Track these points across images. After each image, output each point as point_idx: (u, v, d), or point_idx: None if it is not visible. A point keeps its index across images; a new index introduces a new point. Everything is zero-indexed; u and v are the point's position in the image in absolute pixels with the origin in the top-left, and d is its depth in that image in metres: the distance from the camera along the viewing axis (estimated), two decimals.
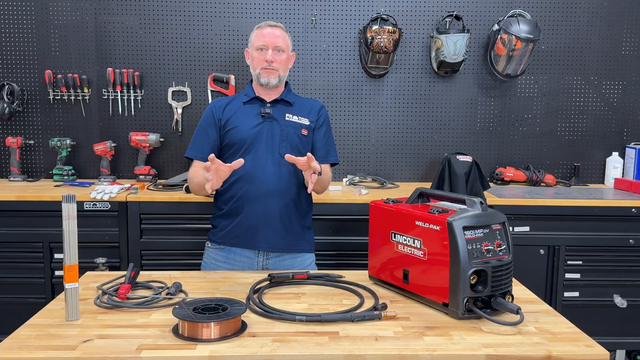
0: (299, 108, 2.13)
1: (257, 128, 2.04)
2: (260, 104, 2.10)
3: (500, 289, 1.43)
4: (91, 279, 1.73)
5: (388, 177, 3.29)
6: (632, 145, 3.27)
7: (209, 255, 2.12)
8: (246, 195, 2.00)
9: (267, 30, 2.08)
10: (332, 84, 3.25)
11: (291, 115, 2.09)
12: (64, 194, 1.37)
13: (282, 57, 2.08)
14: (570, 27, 3.26)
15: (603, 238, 2.81)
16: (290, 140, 2.05)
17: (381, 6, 3.19)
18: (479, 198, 1.50)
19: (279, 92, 2.13)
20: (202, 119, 2.14)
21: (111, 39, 3.15)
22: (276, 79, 2.07)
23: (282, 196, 2.02)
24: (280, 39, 2.08)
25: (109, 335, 1.31)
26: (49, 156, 3.21)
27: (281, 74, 2.08)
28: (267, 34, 2.07)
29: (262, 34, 2.08)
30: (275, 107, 2.09)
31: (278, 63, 2.07)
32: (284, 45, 2.08)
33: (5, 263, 2.71)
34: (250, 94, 2.12)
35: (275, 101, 2.10)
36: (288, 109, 2.10)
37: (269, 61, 2.04)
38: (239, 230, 2.02)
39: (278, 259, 2.05)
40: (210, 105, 2.16)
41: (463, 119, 3.30)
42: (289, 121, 2.08)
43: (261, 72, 2.06)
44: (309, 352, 1.23)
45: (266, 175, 2.00)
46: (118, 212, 2.70)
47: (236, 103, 2.13)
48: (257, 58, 2.09)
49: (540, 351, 1.25)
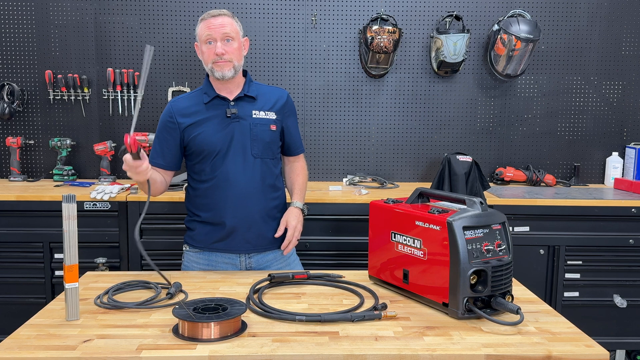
0: (264, 101, 2.01)
1: (225, 131, 1.94)
2: (223, 102, 1.96)
3: (500, 289, 1.43)
4: (91, 279, 1.73)
5: (388, 177, 3.29)
6: (632, 145, 3.27)
7: (188, 259, 2.05)
8: (223, 200, 1.94)
9: (212, 21, 1.91)
10: (332, 84, 3.25)
11: (257, 111, 1.98)
12: (64, 194, 1.37)
13: (234, 46, 1.92)
14: (570, 27, 3.26)
15: (603, 238, 2.81)
16: (260, 138, 1.97)
17: (381, 6, 3.19)
18: (479, 198, 1.50)
19: (239, 85, 2.00)
20: (161, 123, 2.01)
21: (111, 39, 3.15)
22: (231, 70, 1.92)
23: (259, 197, 1.97)
24: (227, 27, 1.91)
25: (109, 335, 1.31)
26: (49, 156, 3.21)
27: (236, 63, 1.93)
28: (212, 24, 1.91)
29: (207, 25, 1.92)
30: (239, 104, 1.97)
31: (230, 53, 1.91)
32: (232, 32, 1.92)
33: (5, 263, 2.71)
34: (211, 93, 1.97)
35: (238, 98, 1.97)
36: (253, 105, 1.99)
37: (219, 54, 1.89)
38: (219, 235, 1.96)
39: (260, 256, 2.01)
40: (168, 108, 2.00)
41: (463, 119, 3.30)
42: (257, 118, 1.97)
43: (214, 66, 1.92)
44: (309, 352, 1.23)
45: (241, 179, 1.94)
46: (118, 212, 2.70)
47: (196, 104, 1.98)
48: (206, 52, 1.93)
49: (540, 351, 1.25)
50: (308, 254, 2.70)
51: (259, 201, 1.97)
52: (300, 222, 2.01)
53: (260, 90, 2.04)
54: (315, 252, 2.75)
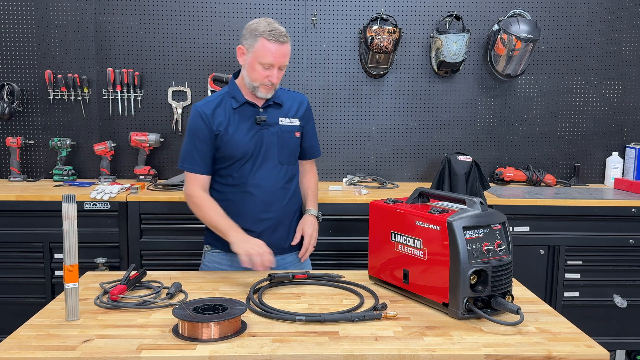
0: (288, 107, 2.05)
1: (255, 138, 1.96)
2: (252, 108, 1.98)
3: (500, 289, 1.43)
4: (91, 279, 1.73)
5: (388, 177, 3.29)
6: (632, 145, 3.27)
7: (210, 259, 2.08)
8: (250, 206, 1.98)
9: (276, 48, 1.87)
10: (332, 84, 3.25)
11: (284, 118, 2.02)
12: (64, 194, 1.37)
13: (283, 72, 1.95)
14: (570, 27, 3.26)
15: (603, 238, 2.81)
16: (287, 145, 2.01)
17: (381, 6, 3.19)
18: (479, 198, 1.50)
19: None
20: (193, 129, 1.96)
21: (111, 39, 3.15)
22: (272, 92, 1.96)
23: (283, 202, 2.02)
24: (287, 57, 1.93)
25: (109, 335, 1.31)
26: (49, 156, 3.21)
27: (277, 86, 1.97)
28: (276, 52, 1.88)
29: (270, 51, 1.87)
30: (268, 111, 2.00)
31: (279, 80, 1.94)
32: (288, 61, 1.95)
33: (5, 263, 2.71)
34: (240, 99, 1.97)
35: (267, 105, 2.00)
36: (279, 111, 2.02)
37: (274, 83, 1.92)
38: None
39: (279, 258, 2.03)
40: (198, 112, 1.97)
41: (463, 119, 3.30)
42: (284, 125, 2.01)
43: (261, 87, 1.93)
44: (309, 352, 1.23)
45: (268, 185, 1.98)
46: (118, 212, 2.70)
47: (225, 108, 1.97)
48: (260, 73, 1.90)
49: (540, 351, 1.25)
50: None
51: (283, 206, 2.02)
52: (315, 229, 2.06)
53: (285, 95, 2.07)
54: (315, 252, 2.71)
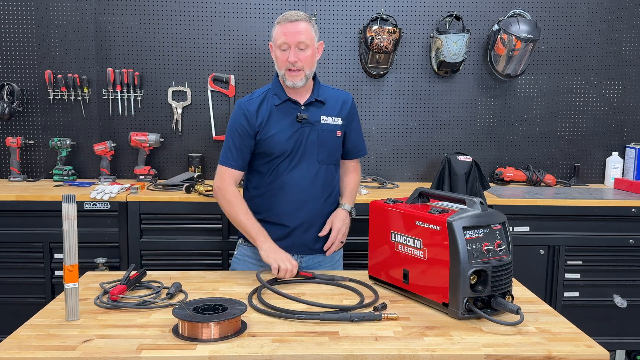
0: (331, 105, 2.03)
1: (295, 135, 1.95)
2: (294, 106, 1.97)
3: (500, 289, 1.43)
4: (91, 279, 1.73)
5: (388, 177, 3.29)
6: (632, 145, 3.27)
7: (242, 252, 2.08)
8: (285, 203, 1.97)
9: (288, 27, 1.87)
10: (332, 84, 3.24)
11: (325, 117, 2.00)
12: (64, 194, 1.37)
13: (307, 53, 1.89)
14: (570, 27, 3.26)
15: (603, 238, 2.80)
16: (327, 145, 1.99)
17: (381, 6, 3.19)
18: (479, 198, 1.50)
19: (308, 89, 2.00)
20: (234, 125, 1.97)
21: (111, 39, 3.15)
22: (302, 80, 1.92)
23: (319, 202, 2.01)
24: (303, 34, 1.87)
25: (109, 335, 1.31)
26: (49, 156, 3.21)
27: (307, 72, 1.92)
28: (288, 31, 1.87)
29: (282, 31, 1.88)
30: (309, 109, 1.98)
31: (302, 62, 1.89)
32: (307, 39, 1.89)
33: (5, 263, 2.71)
34: (282, 96, 1.97)
35: (308, 103, 1.98)
36: (321, 110, 2.00)
37: (292, 62, 1.88)
38: (277, 235, 1.97)
39: (310, 257, 2.04)
40: (241, 109, 1.97)
41: (463, 119, 3.30)
42: (325, 124, 1.99)
43: (286, 74, 1.91)
44: (309, 352, 1.23)
45: (305, 184, 1.97)
46: (118, 212, 2.70)
47: (267, 105, 1.98)
48: (280, 58, 1.91)
49: (540, 351, 1.25)
50: None
51: (319, 205, 2.01)
52: (345, 224, 2.04)
53: (328, 93, 2.05)
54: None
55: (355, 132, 2.12)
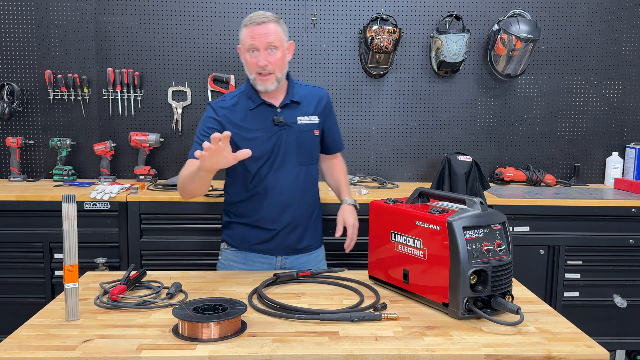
0: (307, 104, 1.99)
1: (273, 138, 1.92)
2: (270, 110, 1.93)
3: (500, 289, 1.43)
4: (91, 279, 1.73)
5: (388, 177, 3.29)
6: (632, 145, 3.27)
7: (226, 257, 2.07)
8: (268, 207, 1.95)
9: (256, 29, 1.82)
10: (332, 84, 3.25)
11: (302, 117, 1.97)
12: (64, 194, 1.37)
13: (277, 56, 1.85)
14: (570, 27, 3.26)
15: (603, 238, 2.80)
16: (306, 145, 1.97)
17: (381, 6, 3.19)
18: (479, 198, 1.50)
19: (283, 89, 1.96)
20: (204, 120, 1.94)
21: (111, 39, 3.15)
22: (274, 83, 1.88)
23: (301, 203, 1.99)
24: (271, 36, 1.82)
25: (109, 335, 1.31)
26: (49, 156, 3.21)
27: (278, 75, 1.88)
28: (256, 33, 1.82)
29: (250, 33, 1.83)
30: (285, 110, 1.94)
31: (273, 65, 1.84)
32: (276, 41, 1.84)
33: (5, 263, 2.71)
34: (256, 100, 1.93)
35: (284, 105, 1.95)
36: (297, 110, 1.97)
37: (261, 66, 1.83)
38: (260, 238, 1.98)
39: (294, 257, 2.03)
40: (212, 111, 1.94)
41: (463, 119, 3.30)
42: (302, 124, 1.96)
43: (257, 78, 1.87)
44: (309, 352, 1.23)
45: (287, 186, 1.95)
46: (118, 212, 2.70)
47: (241, 109, 1.93)
48: (249, 62, 1.86)
49: (540, 351, 1.25)
50: None
51: (302, 207, 2.00)
52: (356, 219, 2.03)
53: (302, 92, 2.01)
54: None
55: (334, 127, 2.11)
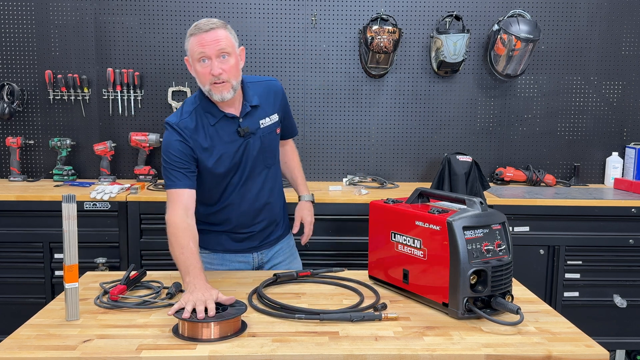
0: (266, 104, 1.91)
1: (240, 150, 1.85)
2: (232, 121, 1.83)
3: (500, 289, 1.43)
4: (91, 279, 1.73)
5: (388, 177, 3.29)
6: (632, 145, 3.27)
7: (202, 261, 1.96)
8: (238, 214, 1.92)
9: (204, 37, 1.71)
10: (332, 84, 3.25)
11: (263, 119, 1.89)
12: (64, 194, 1.37)
13: (230, 62, 1.73)
14: (570, 27, 3.26)
15: (603, 238, 2.80)
16: (270, 148, 1.94)
17: (381, 6, 3.19)
18: (478, 198, 1.50)
19: (239, 96, 1.85)
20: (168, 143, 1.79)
21: (111, 39, 3.15)
22: (230, 92, 1.75)
23: (273, 203, 1.99)
24: (222, 42, 1.71)
25: (109, 335, 1.31)
26: (49, 156, 3.21)
27: (234, 83, 1.76)
28: (205, 41, 1.71)
29: (198, 42, 1.71)
30: (247, 118, 1.85)
31: (227, 73, 1.72)
32: (228, 47, 1.73)
33: (5, 263, 2.71)
34: (217, 114, 1.81)
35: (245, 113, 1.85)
36: (258, 114, 1.89)
37: (215, 75, 1.71)
38: (233, 243, 1.97)
39: (268, 250, 2.04)
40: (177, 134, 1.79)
41: (463, 119, 3.30)
42: (265, 127, 1.89)
43: (211, 88, 1.74)
44: (309, 352, 1.23)
45: (257, 192, 1.93)
46: (118, 212, 2.70)
47: (203, 125, 1.81)
48: (201, 72, 1.74)
49: (540, 351, 1.25)
50: (308, 254, 2.69)
51: (273, 207, 2.00)
52: (313, 215, 2.13)
53: (258, 91, 1.92)
54: (315, 252, 2.75)
55: (288, 116, 2.07)
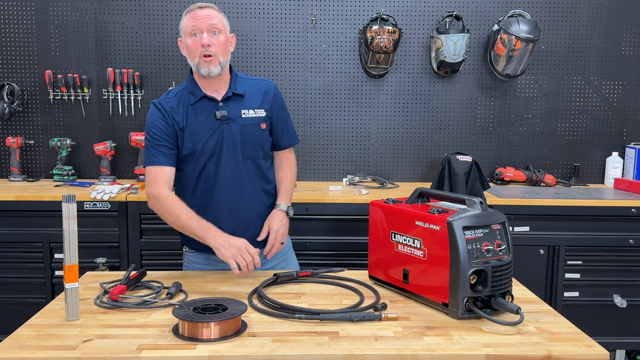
0: (252, 97, 1.94)
1: (216, 134, 1.87)
2: (212, 104, 1.88)
3: (500, 289, 1.43)
4: (91, 279, 1.73)
5: (388, 177, 3.29)
6: (632, 145, 3.27)
7: (189, 260, 2.02)
8: (217, 205, 1.90)
9: (198, 12, 1.84)
10: (332, 84, 3.25)
11: (247, 110, 1.91)
12: (64, 194, 1.37)
13: (220, 39, 1.84)
14: (570, 27, 3.26)
15: (603, 238, 2.81)
16: (251, 139, 1.91)
17: (381, 6, 3.19)
18: (479, 198, 1.50)
19: (225, 82, 1.92)
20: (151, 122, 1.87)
21: (111, 39, 3.15)
22: (217, 67, 1.84)
23: (254, 198, 1.94)
24: (214, 18, 1.84)
25: (109, 335, 1.31)
26: (49, 156, 3.21)
27: (222, 59, 1.84)
28: (198, 15, 1.83)
29: (192, 16, 1.84)
30: (228, 104, 1.89)
31: (216, 47, 1.82)
32: (219, 24, 1.85)
33: (5, 263, 2.71)
34: (198, 93, 1.88)
35: (226, 98, 1.89)
36: (241, 104, 1.91)
37: (205, 45, 1.81)
38: None
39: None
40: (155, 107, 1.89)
41: (463, 119, 3.30)
42: (247, 118, 1.90)
43: (200, 61, 1.83)
44: (309, 352, 1.23)
45: (234, 182, 1.90)
46: (118, 212, 2.70)
47: (183, 104, 1.89)
48: (191, 45, 1.84)
49: (540, 351, 1.25)
50: (308, 254, 2.70)
51: (254, 202, 1.94)
52: (283, 225, 1.94)
53: (247, 85, 1.96)
54: (315, 252, 2.75)
55: (283, 121, 2.03)
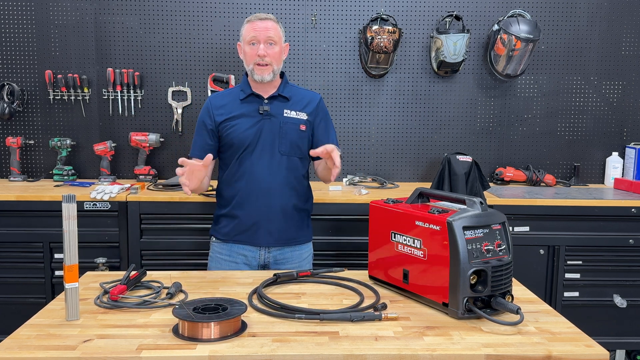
0: (297, 102, 2.12)
1: (256, 126, 2.05)
2: (258, 100, 2.09)
3: (500, 289, 1.43)
4: (91, 279, 1.73)
5: (388, 177, 3.29)
6: (632, 145, 3.27)
7: (214, 250, 2.17)
8: (247, 194, 2.04)
9: (258, 24, 2.04)
10: (332, 84, 3.25)
11: (289, 110, 2.09)
12: (64, 194, 1.37)
13: (275, 49, 2.05)
14: (570, 27, 3.26)
15: (603, 238, 2.81)
16: (289, 137, 2.06)
17: (381, 6, 3.19)
18: (479, 198, 1.50)
19: (275, 86, 2.12)
20: (199, 118, 2.15)
21: (111, 39, 3.15)
22: (270, 74, 2.05)
23: (283, 192, 2.06)
24: (271, 31, 2.04)
25: (109, 335, 1.31)
26: (49, 156, 3.21)
27: (275, 67, 2.06)
28: (258, 27, 2.04)
29: (252, 27, 2.05)
30: (273, 103, 2.08)
31: (271, 57, 2.04)
32: (275, 37, 2.05)
33: (5, 263, 2.71)
34: (247, 90, 2.10)
35: (272, 97, 2.09)
36: (286, 104, 2.10)
37: (261, 55, 2.02)
38: (241, 228, 2.07)
39: (279, 252, 2.09)
40: (207, 103, 2.14)
41: (463, 119, 3.30)
42: (288, 117, 2.08)
43: (254, 68, 2.04)
44: (309, 352, 1.23)
45: (266, 174, 2.04)
46: (118, 212, 2.70)
47: (233, 100, 2.11)
48: (249, 53, 2.06)
49: (540, 351, 1.25)
50: None
51: (282, 197, 2.06)
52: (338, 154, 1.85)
53: (294, 91, 2.15)
54: (315, 252, 2.74)
55: (324, 130, 2.14)
